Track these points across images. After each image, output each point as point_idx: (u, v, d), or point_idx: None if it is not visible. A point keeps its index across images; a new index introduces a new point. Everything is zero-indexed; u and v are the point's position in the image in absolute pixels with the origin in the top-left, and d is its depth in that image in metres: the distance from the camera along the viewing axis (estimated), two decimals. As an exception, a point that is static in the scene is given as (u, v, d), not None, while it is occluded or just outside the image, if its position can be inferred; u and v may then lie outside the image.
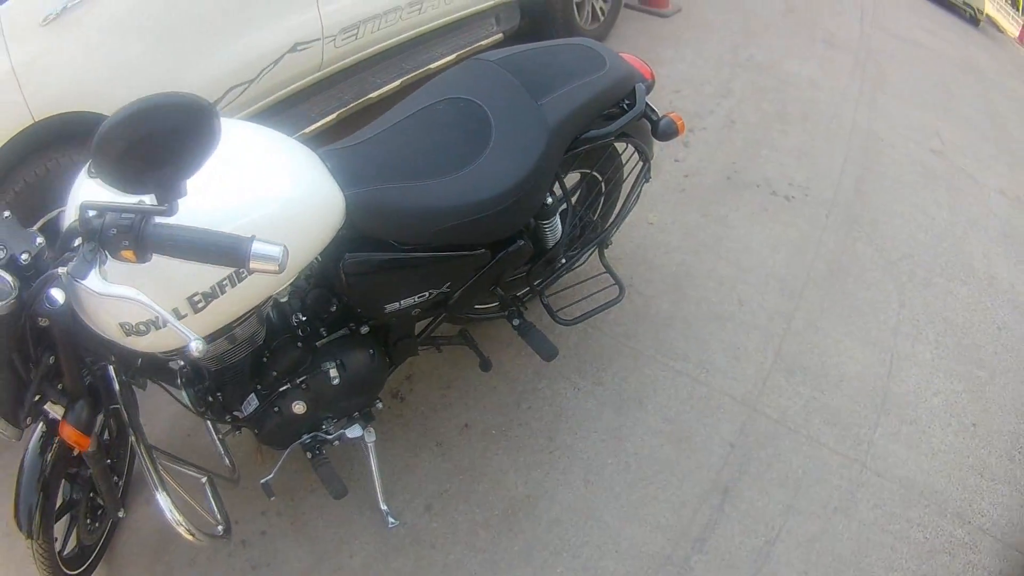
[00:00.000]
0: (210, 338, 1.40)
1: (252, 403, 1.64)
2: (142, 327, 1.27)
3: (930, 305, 2.70)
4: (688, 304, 2.51)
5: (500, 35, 3.38)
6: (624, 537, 1.89)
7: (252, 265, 1.01)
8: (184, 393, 1.60)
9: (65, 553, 1.70)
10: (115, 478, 1.79)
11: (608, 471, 2.01)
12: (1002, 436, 2.27)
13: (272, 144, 1.46)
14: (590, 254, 2.20)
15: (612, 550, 1.86)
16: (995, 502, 2.09)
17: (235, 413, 1.68)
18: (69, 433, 1.32)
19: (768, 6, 5.05)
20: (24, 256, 1.18)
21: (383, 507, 1.92)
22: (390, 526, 1.91)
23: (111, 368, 1.45)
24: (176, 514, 1.56)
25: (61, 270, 1.14)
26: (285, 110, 2.63)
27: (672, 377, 2.25)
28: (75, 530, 1.73)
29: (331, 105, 2.72)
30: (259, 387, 1.65)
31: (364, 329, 1.73)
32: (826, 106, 3.89)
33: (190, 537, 1.59)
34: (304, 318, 1.64)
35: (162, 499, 1.56)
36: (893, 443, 2.17)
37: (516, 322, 1.99)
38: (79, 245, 1.12)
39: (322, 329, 1.68)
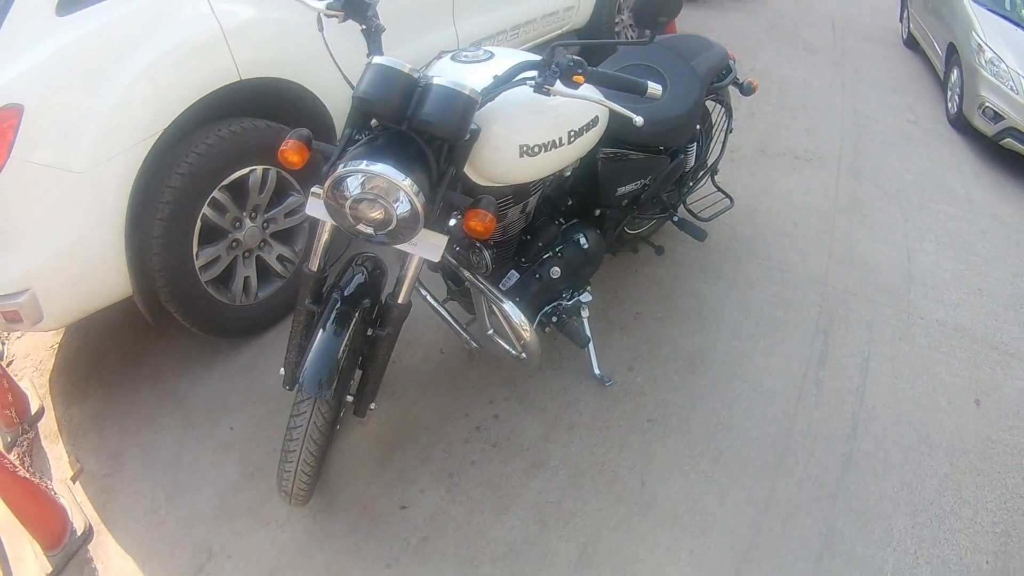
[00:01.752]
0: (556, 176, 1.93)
1: (512, 278, 2.10)
2: (537, 148, 1.65)
3: (927, 219, 3.68)
4: (759, 228, 3.40)
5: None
6: (770, 365, 2.63)
7: (648, 93, 1.52)
8: (485, 254, 1.93)
9: None
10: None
11: (746, 329, 2.78)
12: (1004, 295, 3.18)
13: None
14: (706, 179, 3.03)
15: (767, 373, 2.59)
16: (1013, 335, 2.94)
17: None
18: (476, 222, 1.46)
19: (755, 26, 6.19)
20: None
21: (597, 372, 2.45)
22: (607, 384, 2.45)
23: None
24: (524, 319, 1.94)
25: (529, 82, 1.48)
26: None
27: (766, 270, 3.12)
28: None
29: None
30: (521, 261, 2.12)
31: (597, 212, 2.33)
32: (820, 96, 4.96)
33: (526, 333, 1.96)
34: (545, 214, 2.18)
35: (509, 307, 1.92)
36: (924, 300, 3.07)
37: (675, 219, 2.76)
38: (536, 73, 1.47)
39: (560, 219, 2.24)
